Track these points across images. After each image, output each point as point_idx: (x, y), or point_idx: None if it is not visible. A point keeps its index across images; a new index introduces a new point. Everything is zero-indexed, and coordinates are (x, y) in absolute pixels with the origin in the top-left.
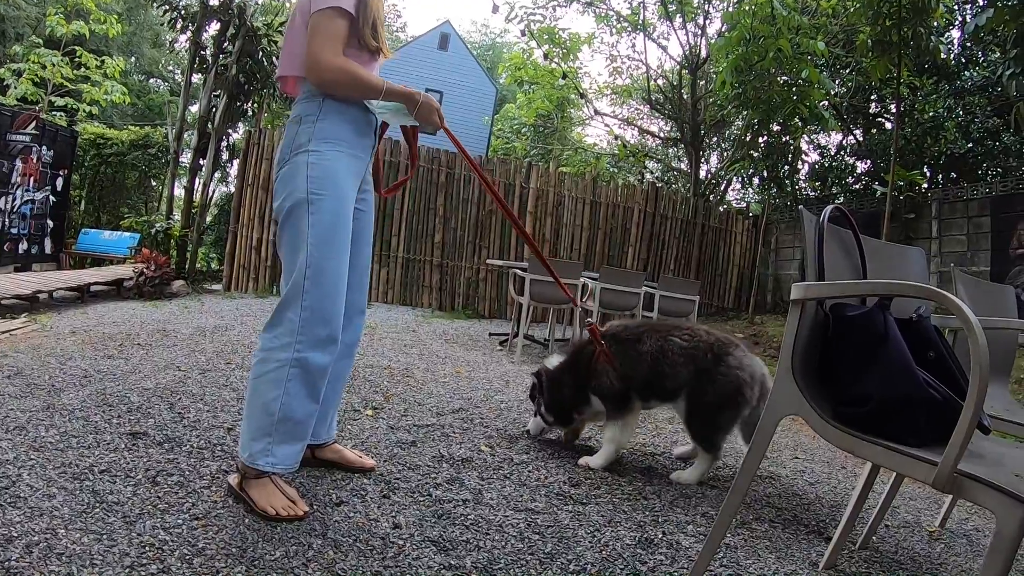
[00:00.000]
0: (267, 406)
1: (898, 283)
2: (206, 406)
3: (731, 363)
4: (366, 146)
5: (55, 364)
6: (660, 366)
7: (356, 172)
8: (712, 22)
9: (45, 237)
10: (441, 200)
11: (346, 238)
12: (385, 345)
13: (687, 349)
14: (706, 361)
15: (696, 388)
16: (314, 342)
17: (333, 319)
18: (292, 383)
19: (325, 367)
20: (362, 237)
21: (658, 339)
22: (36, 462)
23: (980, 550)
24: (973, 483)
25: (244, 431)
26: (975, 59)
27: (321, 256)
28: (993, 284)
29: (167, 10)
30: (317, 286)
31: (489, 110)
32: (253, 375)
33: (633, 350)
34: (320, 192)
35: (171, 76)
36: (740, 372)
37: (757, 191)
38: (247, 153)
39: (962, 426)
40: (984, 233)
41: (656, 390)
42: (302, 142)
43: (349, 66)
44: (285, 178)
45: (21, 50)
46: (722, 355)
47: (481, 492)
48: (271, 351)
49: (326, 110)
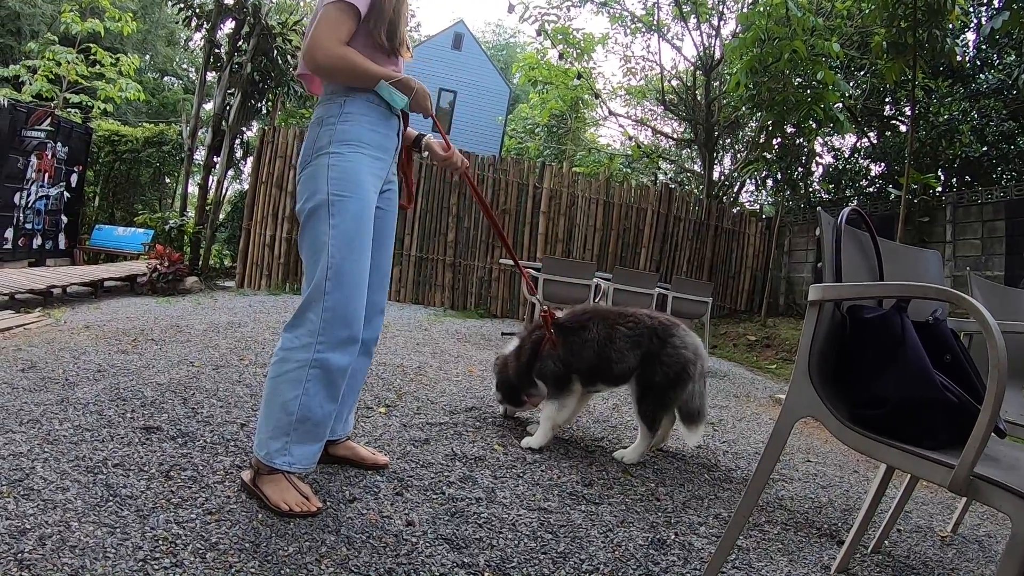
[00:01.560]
0: (286, 405)
1: (917, 285)
2: (219, 402)
3: (676, 343)
4: (388, 148)
5: (69, 358)
6: (606, 352)
7: (377, 173)
8: (727, 23)
9: (59, 233)
10: (454, 200)
11: (367, 239)
12: (398, 343)
13: (632, 336)
14: (652, 345)
15: (645, 371)
16: (335, 343)
17: (354, 320)
18: (311, 383)
19: (345, 368)
20: (383, 237)
21: (604, 327)
22: (50, 455)
23: (992, 556)
24: (989, 486)
25: (261, 428)
26: (991, 62)
27: (342, 258)
28: (1009, 288)
29: (182, 8)
30: (338, 287)
31: (503, 110)
32: (272, 374)
33: (578, 337)
34: (341, 194)
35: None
36: (684, 351)
37: (770, 193)
38: (261, 151)
39: (979, 429)
40: (999, 237)
41: (601, 375)
42: (323, 144)
43: (347, 53)
44: (307, 180)
45: (36, 47)
46: (666, 337)
47: (494, 491)
48: (291, 351)
49: (347, 112)
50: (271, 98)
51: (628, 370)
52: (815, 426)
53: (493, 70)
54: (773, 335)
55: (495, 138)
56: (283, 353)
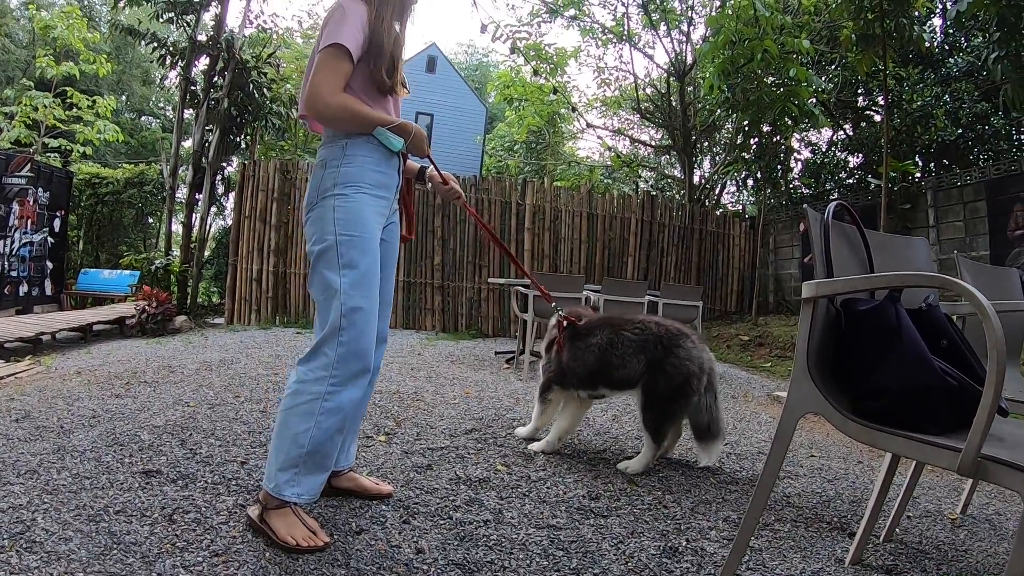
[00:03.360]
0: (297, 438)
1: (909, 274)
2: (218, 441)
3: (680, 354)
4: (390, 186)
5: (63, 405)
6: (607, 356)
7: (381, 211)
8: (696, 28)
9: (45, 279)
10: (438, 222)
11: (376, 277)
12: (392, 370)
13: (637, 342)
14: (656, 352)
15: (649, 379)
16: (348, 376)
17: (367, 353)
18: (323, 416)
19: (357, 401)
20: (386, 268)
21: (610, 332)
22: (50, 505)
23: (1004, 533)
24: (997, 466)
25: (271, 461)
26: (959, 45)
27: (353, 297)
28: (996, 268)
29: (156, 47)
30: (352, 325)
31: (480, 129)
32: (285, 406)
33: (583, 342)
34: (349, 234)
35: (163, 113)
36: (689, 363)
37: (752, 193)
38: (242, 185)
39: (983, 411)
40: (981, 218)
41: (603, 379)
42: (327, 187)
43: (346, 102)
44: (314, 222)
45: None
46: (671, 346)
47: (501, 512)
48: (305, 383)
49: (349, 154)
50: (249, 132)
51: (632, 376)
52: (816, 420)
53: (468, 91)
54: (766, 333)
55: (475, 158)
56: (297, 386)
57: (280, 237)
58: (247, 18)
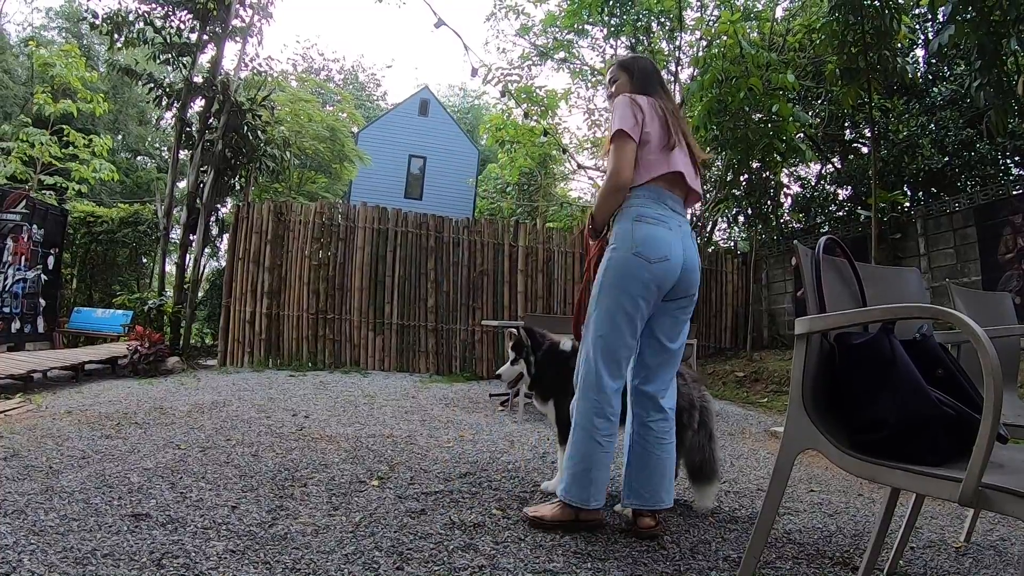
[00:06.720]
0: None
1: (901, 307)
2: (208, 484)
3: None
4: None
5: (52, 445)
6: None
7: None
8: (684, 68)
9: (38, 316)
10: (431, 264)
11: None
12: (386, 413)
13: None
14: None
15: None
16: None
17: None
18: None
19: None
20: None
21: None
22: (36, 547)
23: (1010, 559)
24: (999, 494)
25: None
26: (942, 74)
27: None
28: (989, 293)
29: (152, 88)
30: None
31: (473, 172)
32: None
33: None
34: None
35: (158, 153)
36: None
37: (743, 229)
38: (236, 227)
39: (982, 440)
40: (971, 243)
41: None
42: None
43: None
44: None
45: (10, 129)
46: None
47: (496, 557)
48: None
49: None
50: (244, 174)
51: None
52: (814, 455)
53: (460, 133)
54: (761, 369)
55: (467, 200)
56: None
57: (274, 279)
58: (243, 61)
